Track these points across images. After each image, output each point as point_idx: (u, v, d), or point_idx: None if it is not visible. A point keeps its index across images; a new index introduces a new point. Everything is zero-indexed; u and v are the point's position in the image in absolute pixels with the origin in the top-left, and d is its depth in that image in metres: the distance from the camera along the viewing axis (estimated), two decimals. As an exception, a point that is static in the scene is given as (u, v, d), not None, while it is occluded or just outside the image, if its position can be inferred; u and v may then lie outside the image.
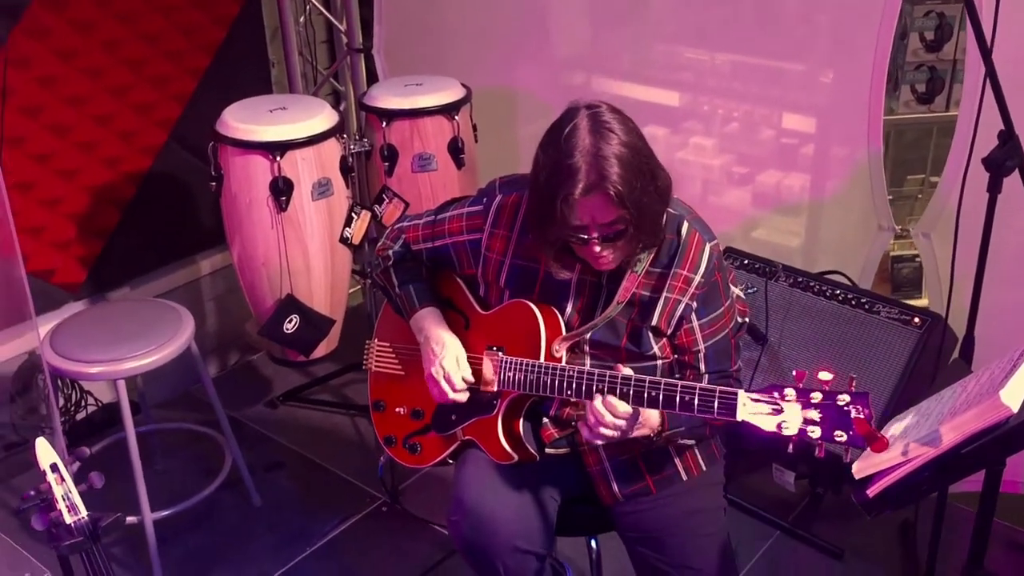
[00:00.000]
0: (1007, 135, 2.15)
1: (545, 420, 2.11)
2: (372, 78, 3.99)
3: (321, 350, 3.20)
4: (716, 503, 2.16)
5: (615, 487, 2.10)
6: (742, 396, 1.70)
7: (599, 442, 1.89)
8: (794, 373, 1.69)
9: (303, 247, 2.98)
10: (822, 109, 3.21)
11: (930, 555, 2.68)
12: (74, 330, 2.82)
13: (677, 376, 2.03)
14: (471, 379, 2.06)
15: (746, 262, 3.11)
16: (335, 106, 4.13)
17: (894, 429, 1.85)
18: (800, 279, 3.00)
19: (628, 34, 3.50)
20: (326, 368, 3.70)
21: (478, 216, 2.09)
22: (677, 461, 2.12)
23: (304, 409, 3.66)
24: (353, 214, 3.07)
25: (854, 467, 1.78)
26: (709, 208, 3.54)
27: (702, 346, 2.02)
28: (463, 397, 2.05)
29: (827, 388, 1.65)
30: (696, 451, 2.13)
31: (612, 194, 1.77)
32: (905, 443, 1.73)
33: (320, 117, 2.96)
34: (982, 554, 1.98)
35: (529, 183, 1.91)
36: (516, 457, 2.03)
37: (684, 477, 2.12)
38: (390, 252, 2.23)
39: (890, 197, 3.70)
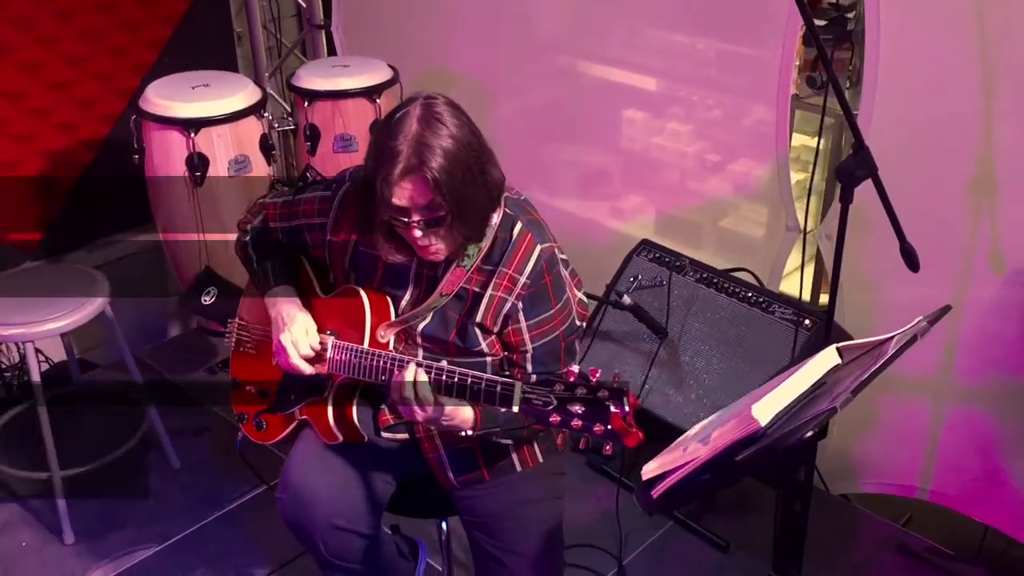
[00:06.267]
0: (858, 146, 2.15)
1: (383, 405, 2.18)
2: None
3: (245, 322, 3.29)
4: (551, 493, 2.22)
5: (450, 474, 2.17)
6: (518, 388, 1.76)
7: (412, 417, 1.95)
8: (568, 369, 1.74)
9: (220, 222, 3.08)
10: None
11: (793, 548, 2.70)
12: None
13: (506, 373, 2.07)
14: (318, 347, 2.11)
15: (658, 255, 3.13)
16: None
17: (694, 430, 1.90)
18: (706, 275, 3.02)
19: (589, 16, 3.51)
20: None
21: (326, 202, 2.15)
22: (513, 452, 2.17)
23: (240, 377, 3.76)
24: (274, 191, 3.15)
25: (644, 468, 1.83)
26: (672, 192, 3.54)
27: (529, 346, 2.06)
28: (308, 368, 2.11)
29: (593, 383, 1.70)
30: (535, 443, 2.18)
31: (429, 178, 1.83)
32: (686, 446, 1.78)
33: (240, 95, 3.05)
34: (784, 563, 2.01)
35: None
36: (341, 437, 2.11)
37: (519, 467, 2.17)
38: (248, 227, 2.30)
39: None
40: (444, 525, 2.40)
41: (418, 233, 1.91)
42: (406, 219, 1.90)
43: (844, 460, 3.11)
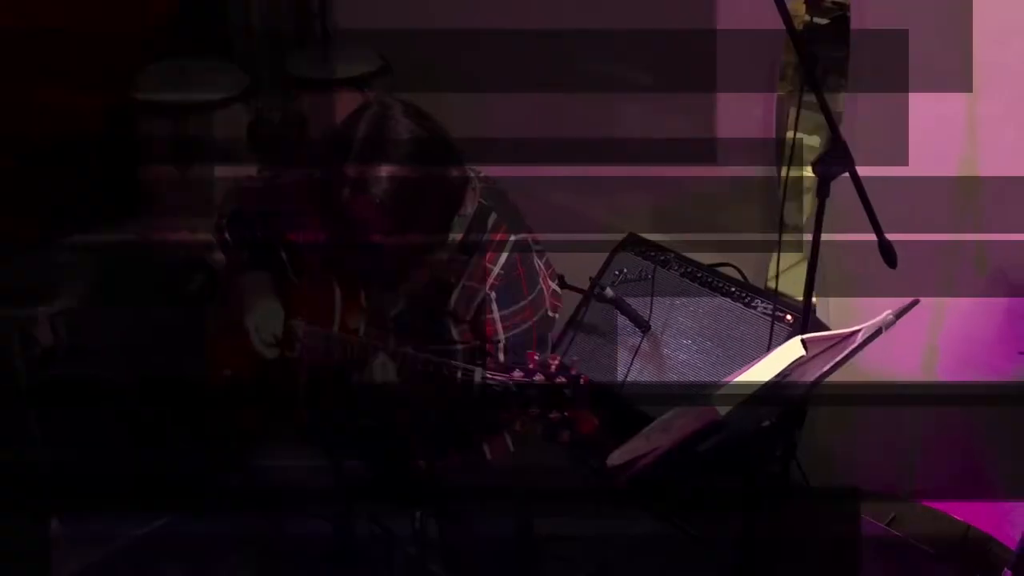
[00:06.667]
0: (834, 139, 2.15)
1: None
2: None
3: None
4: (523, 482, 2.21)
5: (421, 460, 2.18)
6: (478, 374, 1.77)
7: None
8: (527, 355, 1.75)
9: (208, 209, 3.08)
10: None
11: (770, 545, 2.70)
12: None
13: (478, 363, 2.07)
14: (279, 334, 2.14)
15: (643, 249, 3.14)
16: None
17: (659, 420, 1.91)
18: (690, 269, 3.03)
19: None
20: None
21: (304, 187, 2.16)
22: (484, 440, 2.17)
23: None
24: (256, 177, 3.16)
25: (609, 457, 1.84)
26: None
27: (502, 336, 2.06)
28: (272, 353, 2.12)
29: (551, 371, 1.71)
30: (504, 432, 2.19)
31: (371, 203, 1.84)
32: (649, 435, 1.80)
33: (229, 83, 3.06)
34: (751, 563, 2.02)
35: None
36: (311, 423, 2.12)
37: (489, 456, 2.18)
38: (227, 212, 2.31)
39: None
40: (418, 514, 2.40)
41: (376, 238, 1.91)
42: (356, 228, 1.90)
43: (827, 457, 3.11)
